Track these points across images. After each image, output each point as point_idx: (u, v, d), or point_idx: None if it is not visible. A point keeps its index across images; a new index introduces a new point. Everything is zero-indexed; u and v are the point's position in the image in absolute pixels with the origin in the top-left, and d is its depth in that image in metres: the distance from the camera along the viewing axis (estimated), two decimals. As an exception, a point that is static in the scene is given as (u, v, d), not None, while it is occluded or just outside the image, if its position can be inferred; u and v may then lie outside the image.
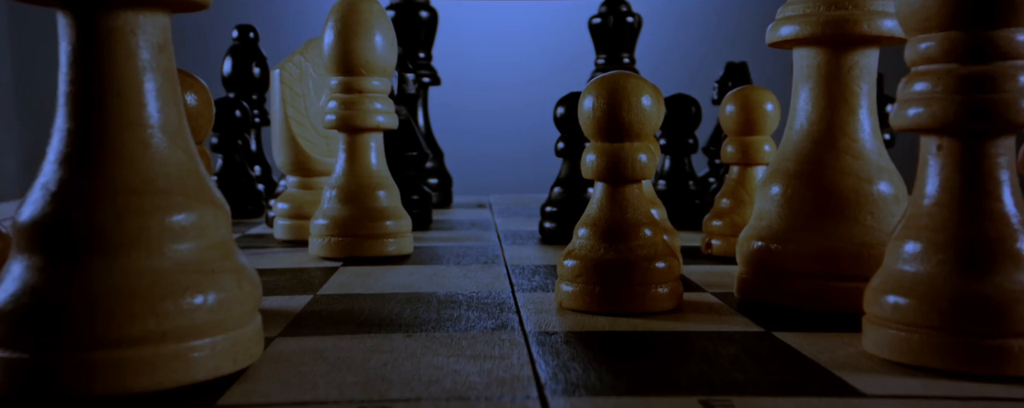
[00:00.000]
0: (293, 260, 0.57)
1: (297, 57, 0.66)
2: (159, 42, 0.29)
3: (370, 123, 0.57)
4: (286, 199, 0.66)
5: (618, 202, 0.42)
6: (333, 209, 0.57)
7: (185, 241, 0.28)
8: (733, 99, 0.57)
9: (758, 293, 0.41)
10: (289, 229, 0.66)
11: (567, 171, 0.68)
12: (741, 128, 0.56)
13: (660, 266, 0.40)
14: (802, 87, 0.41)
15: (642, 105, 0.41)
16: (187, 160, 0.30)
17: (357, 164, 0.58)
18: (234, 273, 0.30)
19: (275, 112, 0.66)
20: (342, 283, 0.48)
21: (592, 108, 0.41)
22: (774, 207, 0.41)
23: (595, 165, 0.41)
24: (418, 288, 0.47)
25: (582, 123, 0.42)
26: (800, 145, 0.41)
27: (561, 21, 1.82)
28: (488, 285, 0.48)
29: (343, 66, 0.56)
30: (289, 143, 0.65)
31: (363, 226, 0.57)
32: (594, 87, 0.41)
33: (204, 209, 0.29)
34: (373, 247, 0.57)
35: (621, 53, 0.94)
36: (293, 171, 0.66)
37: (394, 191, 0.59)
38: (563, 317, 0.40)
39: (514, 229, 0.75)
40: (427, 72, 0.97)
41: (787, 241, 0.39)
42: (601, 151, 0.41)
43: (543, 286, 0.48)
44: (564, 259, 0.42)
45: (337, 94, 0.57)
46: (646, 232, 0.41)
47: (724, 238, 0.57)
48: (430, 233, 0.72)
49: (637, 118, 0.41)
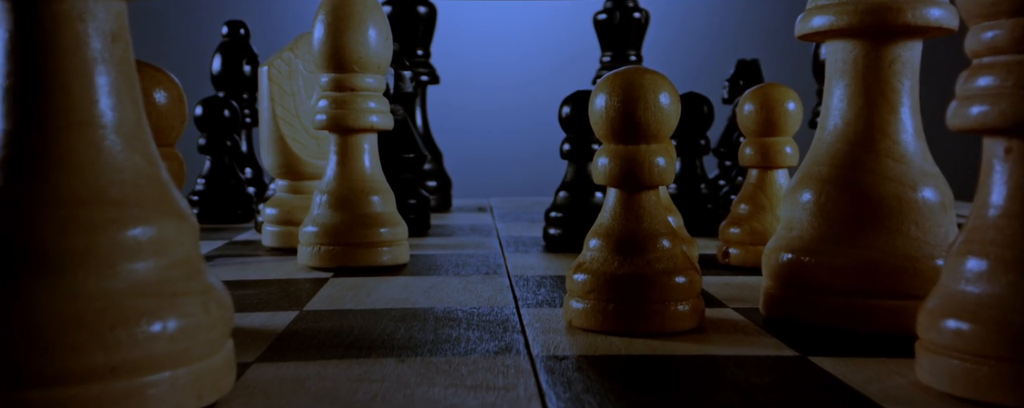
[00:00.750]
0: (280, 270, 0.53)
1: (286, 53, 0.62)
2: (112, 30, 0.25)
3: (363, 123, 0.53)
4: (275, 204, 0.62)
5: (633, 210, 0.38)
6: (323, 216, 0.53)
7: (141, 259, 0.25)
8: (752, 98, 0.53)
9: (788, 311, 0.37)
10: (278, 236, 0.62)
11: (573, 174, 0.64)
12: (761, 128, 0.53)
13: (680, 281, 0.37)
14: (836, 83, 0.37)
15: (660, 103, 0.37)
16: (146, 165, 0.26)
17: (349, 167, 0.54)
18: (200, 295, 0.26)
19: (263, 111, 0.62)
20: (331, 297, 0.45)
21: (605, 107, 0.37)
22: (806, 216, 0.37)
23: (608, 169, 0.37)
24: (414, 303, 0.43)
25: (593, 123, 0.38)
26: (834, 147, 0.37)
27: (564, 17, 1.78)
28: (490, 299, 0.44)
29: (334, 62, 0.53)
30: (278, 144, 0.61)
31: (355, 234, 0.53)
32: (607, 84, 0.37)
33: (165, 222, 0.26)
34: (366, 256, 0.53)
35: (627, 50, 0.91)
36: (282, 174, 0.63)
37: (389, 196, 0.55)
38: (573, 338, 0.36)
39: (516, 235, 0.71)
40: (425, 70, 0.93)
41: (821, 253, 0.36)
42: (615, 154, 0.37)
43: (549, 300, 0.44)
44: (574, 273, 0.38)
45: (328, 92, 0.54)
46: (664, 243, 0.37)
47: (743, 247, 0.53)
48: (428, 239, 0.68)
49: (654, 117, 0.37)
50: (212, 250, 0.62)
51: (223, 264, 0.56)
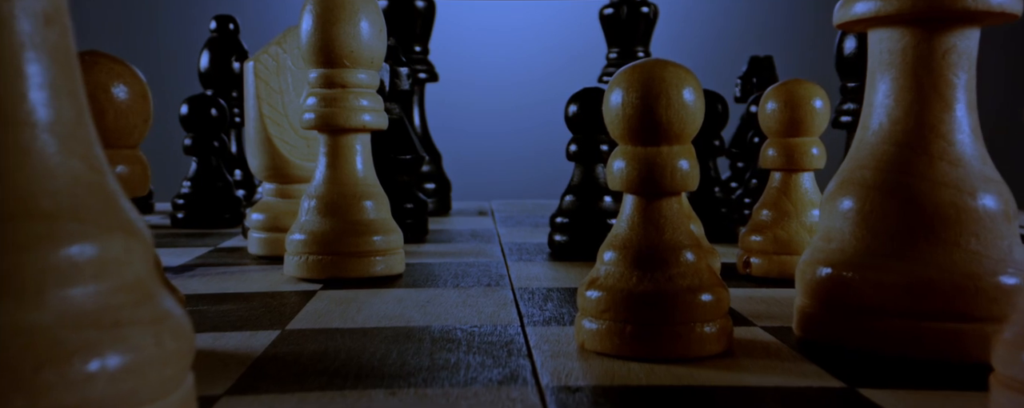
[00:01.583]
0: (265, 281, 0.49)
1: (273, 47, 0.58)
2: (46, 10, 0.21)
3: (354, 122, 0.49)
4: (262, 209, 0.58)
5: (653, 220, 0.34)
6: (312, 222, 0.49)
7: (79, 284, 0.21)
8: (775, 95, 0.49)
9: (827, 333, 0.33)
10: (264, 243, 0.58)
11: (580, 177, 0.60)
12: (785, 128, 0.49)
13: (706, 299, 0.32)
14: (881, 78, 0.33)
15: (683, 100, 0.33)
16: (87, 171, 0.22)
17: (340, 170, 0.50)
18: (151, 325, 0.22)
19: (249, 110, 0.58)
20: (318, 313, 0.41)
21: (622, 104, 0.33)
22: (847, 226, 0.33)
23: (625, 174, 0.33)
24: (408, 320, 0.39)
25: (608, 122, 0.34)
26: (880, 149, 0.33)
27: (568, 13, 1.74)
28: (492, 316, 0.40)
29: (323, 56, 0.49)
30: (265, 145, 0.57)
31: (346, 242, 0.49)
32: (624, 78, 0.33)
33: (109, 238, 0.22)
34: (358, 267, 0.49)
35: (635, 46, 0.87)
36: (269, 177, 0.59)
37: (383, 201, 0.51)
38: (587, 363, 0.32)
39: (520, 241, 0.67)
40: (423, 67, 0.89)
41: (866, 268, 0.32)
42: (633, 157, 0.33)
43: (557, 317, 0.40)
44: (586, 289, 0.34)
45: (316, 89, 0.50)
46: (688, 256, 0.33)
47: (766, 256, 0.49)
48: (425, 246, 0.64)
49: (677, 116, 0.33)
50: (194, 258, 0.58)
51: (203, 274, 0.52)
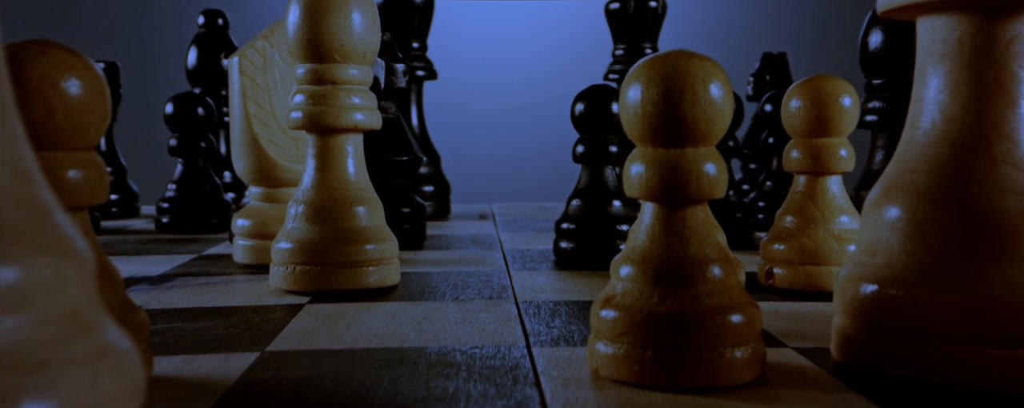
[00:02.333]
0: (249, 294, 0.46)
1: (260, 42, 0.54)
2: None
3: (345, 122, 0.46)
4: (248, 214, 0.55)
5: (676, 230, 0.30)
6: (299, 230, 0.46)
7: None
8: (800, 92, 0.45)
9: (872, 358, 0.29)
10: (250, 251, 0.54)
11: (587, 180, 0.56)
12: (811, 128, 0.45)
13: (737, 320, 0.29)
14: (933, 71, 0.29)
15: (710, 96, 0.29)
16: (10, 181, 0.18)
17: (330, 173, 0.46)
18: (88, 364, 0.18)
19: (234, 109, 0.54)
20: (303, 331, 0.37)
21: (641, 100, 0.30)
22: (896, 237, 0.29)
23: (645, 179, 0.30)
24: (403, 340, 0.35)
25: (625, 121, 0.30)
26: (933, 151, 0.29)
27: (571, 8, 1.70)
28: (495, 334, 0.36)
29: (312, 51, 0.45)
30: (251, 146, 0.54)
31: (336, 251, 0.45)
32: (644, 71, 0.30)
33: (36, 261, 0.18)
34: (349, 278, 0.45)
35: (642, 43, 0.83)
36: (256, 180, 0.55)
37: (376, 206, 0.47)
38: (602, 394, 0.28)
39: (523, 248, 0.63)
40: (421, 64, 0.86)
41: (918, 286, 0.28)
42: (653, 160, 0.30)
43: (567, 336, 0.36)
44: (601, 308, 0.30)
45: (305, 86, 0.46)
46: (715, 271, 0.30)
47: (790, 266, 0.45)
48: (423, 253, 0.61)
49: (704, 113, 0.29)
50: (175, 266, 0.55)
51: (183, 285, 0.48)
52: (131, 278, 0.50)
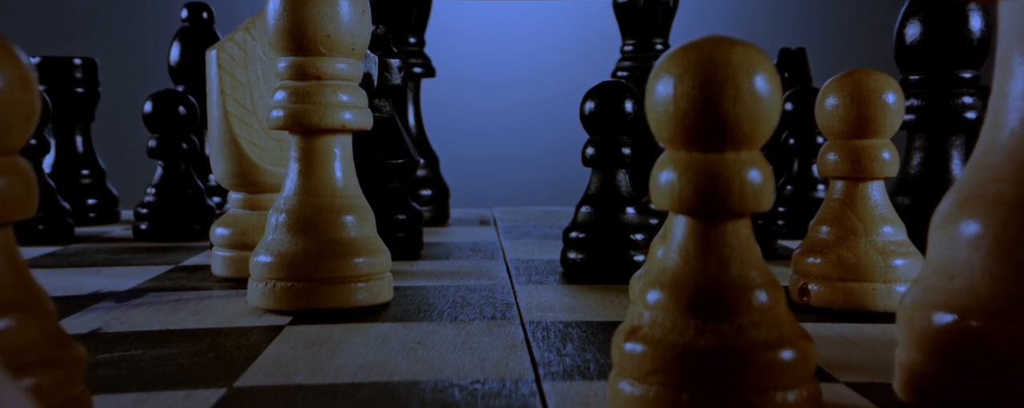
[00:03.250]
0: (224, 312, 0.41)
1: (240, 34, 0.50)
2: None
3: (332, 121, 0.41)
4: (228, 223, 0.50)
5: (715, 249, 0.25)
6: (280, 242, 0.41)
7: None
8: (838, 88, 0.41)
9: (950, 402, 0.25)
10: (230, 263, 0.49)
11: (598, 185, 0.52)
12: (850, 128, 0.40)
13: (788, 357, 0.24)
14: (1021, 61, 0.25)
15: (756, 90, 0.25)
16: None
17: (314, 178, 0.42)
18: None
19: (212, 107, 0.50)
20: (279, 361, 0.32)
21: (673, 96, 0.25)
22: (978, 259, 0.24)
23: (677, 189, 0.25)
24: (393, 372, 0.31)
25: (654, 121, 0.26)
26: (1021, 156, 0.24)
27: (576, 2, 1.65)
28: (499, 365, 0.32)
29: (294, 42, 0.40)
30: (230, 148, 0.49)
31: (321, 266, 0.40)
32: (677, 62, 0.25)
33: None
34: (336, 295, 0.41)
35: (653, 38, 0.78)
36: (237, 185, 0.50)
37: (366, 215, 0.43)
38: (629, 446, 0.23)
39: (527, 257, 0.58)
40: (419, 61, 0.81)
41: (1008, 318, 0.23)
42: (688, 166, 0.25)
43: (581, 365, 0.32)
44: (625, 340, 0.26)
45: (287, 81, 0.41)
46: (761, 298, 0.25)
47: (827, 282, 0.40)
48: (419, 264, 0.56)
49: (748, 111, 0.25)
50: (148, 280, 0.50)
51: (153, 302, 0.43)
52: (97, 293, 0.46)
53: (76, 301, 0.44)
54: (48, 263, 0.56)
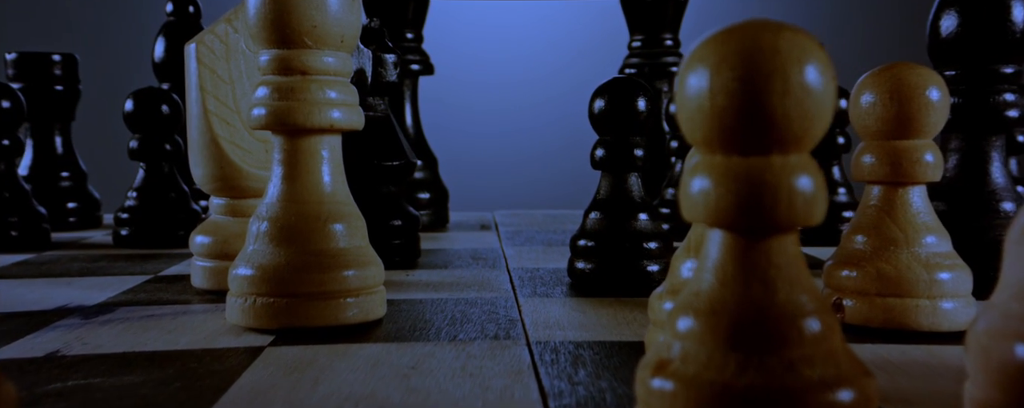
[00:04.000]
0: (199, 331, 0.37)
1: (222, 26, 0.46)
2: None
3: (319, 120, 0.37)
4: (208, 230, 0.46)
5: (758, 270, 0.22)
6: (262, 253, 0.37)
7: None
8: (874, 84, 0.37)
9: (1038, 450, 0.21)
10: (211, 274, 0.46)
11: (609, 189, 0.48)
12: (890, 128, 0.37)
13: (847, 399, 0.21)
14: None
15: (807, 83, 0.21)
16: None
17: (300, 183, 0.38)
18: None
19: (191, 105, 0.46)
20: (256, 390, 0.29)
21: (710, 89, 0.21)
22: (1071, 282, 0.21)
23: (714, 199, 0.21)
24: (383, 403, 0.27)
25: (687, 118, 0.22)
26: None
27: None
28: (503, 395, 0.28)
29: (277, 33, 0.37)
30: (211, 149, 0.45)
31: (307, 280, 0.37)
32: (715, 48, 0.21)
33: None
34: (322, 313, 0.37)
35: (663, 33, 0.75)
36: (218, 190, 0.46)
37: (357, 223, 0.39)
38: (660, 506, 0.20)
39: (531, 266, 0.55)
40: (416, 57, 0.77)
41: (1111, 354, 0.20)
42: (726, 172, 0.21)
43: (596, 397, 0.28)
44: (652, 375, 0.22)
45: (269, 77, 0.38)
46: (813, 327, 0.21)
47: (865, 298, 0.37)
48: (416, 274, 0.52)
49: (799, 107, 0.21)
50: (121, 292, 0.46)
51: (123, 318, 0.40)
52: (63, 308, 0.42)
53: (40, 317, 0.40)
54: (17, 273, 0.53)
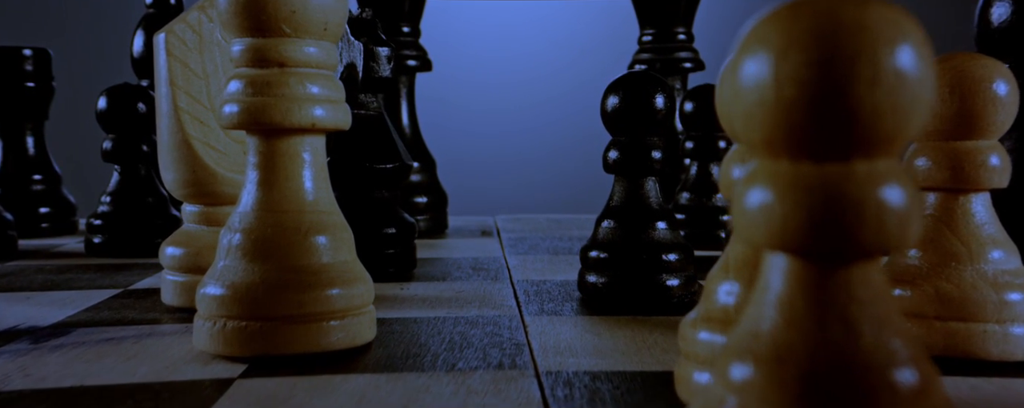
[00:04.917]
0: (161, 359, 0.33)
1: (195, 14, 0.41)
2: None
3: (299, 118, 0.33)
4: (179, 241, 0.42)
5: (837, 306, 0.17)
6: (234, 269, 0.33)
7: None
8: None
9: None
10: (182, 290, 0.41)
11: (623, 195, 0.44)
12: (949, 127, 0.32)
13: (955, 473, 0.16)
14: None
15: (902, 70, 0.17)
16: None
17: (278, 189, 0.34)
18: None
19: (160, 102, 0.41)
20: (216, 440, 0.24)
21: (775, 79, 0.17)
22: None
23: (779, 216, 0.17)
24: (366, 459, 0.23)
25: (745, 114, 0.18)
26: None
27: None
28: (511, 446, 0.24)
29: (251, 19, 0.32)
30: (182, 151, 0.41)
31: (284, 300, 0.32)
32: (781, 27, 0.17)
33: None
34: (302, 337, 0.32)
35: (675, 27, 0.70)
36: (190, 196, 0.42)
37: (343, 235, 0.34)
38: None
39: (538, 278, 0.50)
40: (413, 52, 0.73)
41: None
42: (795, 183, 0.17)
43: (622, 447, 0.23)
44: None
45: (243, 69, 0.33)
46: (907, 379, 0.17)
47: (923, 322, 0.32)
48: (411, 287, 0.48)
49: (890, 99, 0.17)
50: (85, 308, 0.42)
51: (77, 341, 0.35)
52: (14, 329, 0.37)
53: (-15, 340, 0.35)
54: (-26, 286, 0.48)
